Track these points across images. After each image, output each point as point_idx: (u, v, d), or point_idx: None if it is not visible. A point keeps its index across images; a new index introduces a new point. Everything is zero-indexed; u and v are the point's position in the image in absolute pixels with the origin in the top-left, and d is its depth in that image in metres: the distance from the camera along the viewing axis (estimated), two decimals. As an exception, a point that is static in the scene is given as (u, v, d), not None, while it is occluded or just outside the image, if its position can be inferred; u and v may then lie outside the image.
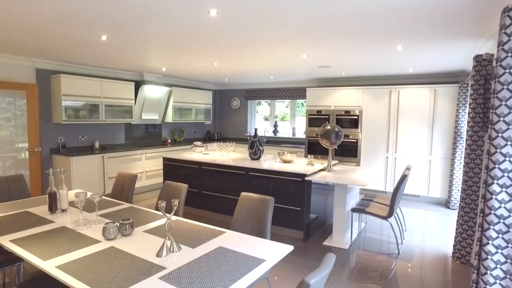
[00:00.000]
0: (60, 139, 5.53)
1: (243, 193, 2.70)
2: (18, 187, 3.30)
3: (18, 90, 4.93)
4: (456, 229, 3.47)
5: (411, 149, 5.93)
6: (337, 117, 6.51)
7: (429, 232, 4.41)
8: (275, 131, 8.12)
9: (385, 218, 3.66)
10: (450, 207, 5.47)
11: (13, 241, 2.05)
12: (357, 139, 6.35)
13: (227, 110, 8.86)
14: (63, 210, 2.68)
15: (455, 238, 3.49)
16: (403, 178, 3.63)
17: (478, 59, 3.10)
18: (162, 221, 2.49)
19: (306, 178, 3.84)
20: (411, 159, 5.94)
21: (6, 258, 2.40)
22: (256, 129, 4.87)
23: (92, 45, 3.99)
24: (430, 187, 5.79)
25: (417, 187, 5.89)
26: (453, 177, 5.35)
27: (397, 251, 3.76)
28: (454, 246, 3.53)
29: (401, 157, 6.03)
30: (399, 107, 5.98)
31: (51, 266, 1.73)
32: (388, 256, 3.64)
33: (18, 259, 2.42)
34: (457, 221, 3.45)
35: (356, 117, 6.33)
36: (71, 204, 2.87)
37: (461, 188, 3.35)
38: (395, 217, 3.98)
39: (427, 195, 5.85)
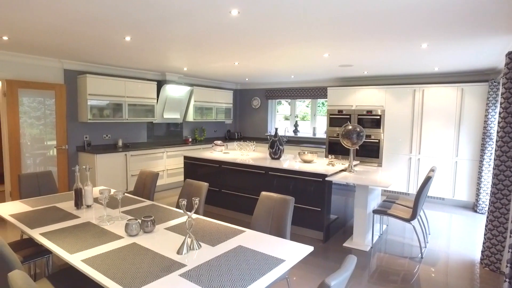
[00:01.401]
0: (86, 137, 5.72)
1: (263, 193, 2.69)
2: (46, 183, 3.45)
3: (48, 90, 5.14)
4: (485, 234, 3.33)
5: (436, 150, 5.73)
6: (359, 117, 6.38)
7: (455, 236, 4.24)
8: (295, 131, 8.07)
9: (408, 220, 3.56)
10: (478, 211, 5.24)
11: (42, 234, 2.15)
12: (379, 140, 6.20)
13: (247, 109, 8.88)
14: (88, 206, 2.78)
15: (484, 243, 3.34)
16: (427, 179, 3.51)
17: (511, 56, 2.95)
18: (183, 219, 2.53)
19: (326, 179, 3.79)
20: (435, 161, 5.74)
21: (36, 250, 2.51)
22: (276, 129, 4.85)
23: (116, 45, 4.10)
24: (456, 190, 5.58)
25: (442, 190, 5.69)
26: (481, 180, 5.13)
27: (420, 255, 3.65)
28: (482, 252, 3.38)
29: (425, 158, 5.84)
30: (424, 107, 5.79)
31: (77, 259, 1.79)
32: (410, 259, 3.53)
33: (47, 251, 2.52)
34: (486, 226, 3.31)
35: (378, 117, 6.18)
36: (96, 200, 2.96)
37: (491, 191, 3.20)
38: (418, 220, 3.87)
39: (453, 198, 5.63)
